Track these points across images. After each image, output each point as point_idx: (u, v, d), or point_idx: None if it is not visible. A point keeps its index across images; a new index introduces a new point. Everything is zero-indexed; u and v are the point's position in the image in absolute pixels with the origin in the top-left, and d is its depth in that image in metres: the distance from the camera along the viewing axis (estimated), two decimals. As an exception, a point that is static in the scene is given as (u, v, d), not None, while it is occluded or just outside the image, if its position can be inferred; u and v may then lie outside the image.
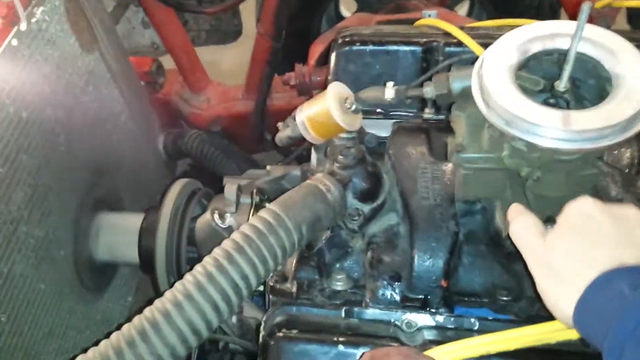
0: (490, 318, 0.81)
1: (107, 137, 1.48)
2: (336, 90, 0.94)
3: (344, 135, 0.97)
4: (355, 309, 0.82)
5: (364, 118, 0.98)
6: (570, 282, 0.64)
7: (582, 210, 0.68)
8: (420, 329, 0.79)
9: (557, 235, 0.68)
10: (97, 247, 1.38)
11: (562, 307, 0.64)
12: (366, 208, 0.91)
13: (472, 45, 1.02)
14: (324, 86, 0.97)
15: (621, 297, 0.59)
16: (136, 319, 0.75)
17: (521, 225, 0.72)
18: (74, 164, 1.32)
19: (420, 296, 0.83)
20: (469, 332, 0.77)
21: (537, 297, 0.69)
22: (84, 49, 1.38)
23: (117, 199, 1.50)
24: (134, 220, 1.35)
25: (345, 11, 2.37)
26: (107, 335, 0.76)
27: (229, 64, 2.53)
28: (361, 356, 0.73)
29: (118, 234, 1.38)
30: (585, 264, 0.63)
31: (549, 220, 0.70)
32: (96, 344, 0.76)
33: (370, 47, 1.10)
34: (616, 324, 0.58)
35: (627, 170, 0.91)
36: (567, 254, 0.65)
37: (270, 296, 0.89)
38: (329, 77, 1.13)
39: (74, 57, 1.35)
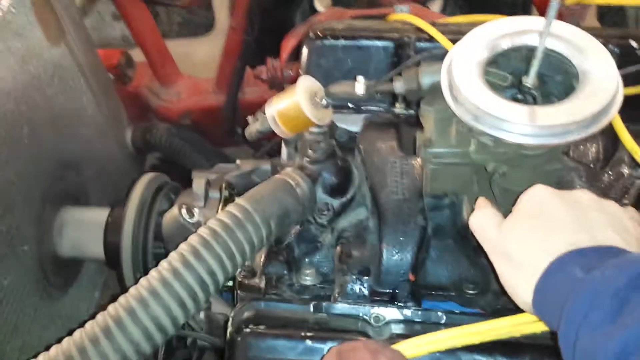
0: (457, 312, 0.81)
1: (73, 131, 1.44)
2: (306, 84, 0.94)
3: (314, 129, 0.96)
4: (324, 303, 0.82)
5: (334, 112, 0.98)
6: (527, 268, 0.64)
7: (535, 197, 0.68)
8: (388, 322, 0.79)
9: (512, 223, 0.68)
10: (61, 242, 1.34)
11: (521, 294, 0.65)
12: (336, 203, 0.91)
13: (443, 40, 1.02)
14: (295, 81, 0.96)
15: (574, 281, 0.58)
16: (100, 316, 0.74)
17: (480, 217, 0.73)
18: (38, 158, 1.28)
19: (388, 290, 0.83)
20: (436, 326, 0.77)
21: (502, 290, 0.69)
22: (50, 42, 1.35)
23: (82, 193, 1.47)
24: (99, 215, 1.32)
25: (319, 6, 2.36)
26: (71, 333, 0.74)
27: (201, 56, 2.50)
28: (328, 351, 0.72)
29: (83, 229, 1.34)
30: (541, 249, 0.63)
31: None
32: (59, 341, 0.74)
33: (342, 42, 1.09)
34: (569, 308, 0.57)
35: (592, 165, 0.93)
36: (522, 241, 0.66)
37: (239, 291, 0.89)
38: (301, 72, 1.12)
39: (40, 50, 1.32)
